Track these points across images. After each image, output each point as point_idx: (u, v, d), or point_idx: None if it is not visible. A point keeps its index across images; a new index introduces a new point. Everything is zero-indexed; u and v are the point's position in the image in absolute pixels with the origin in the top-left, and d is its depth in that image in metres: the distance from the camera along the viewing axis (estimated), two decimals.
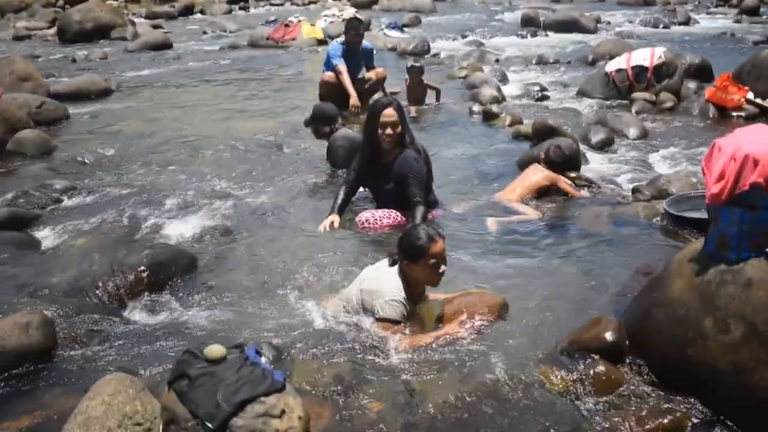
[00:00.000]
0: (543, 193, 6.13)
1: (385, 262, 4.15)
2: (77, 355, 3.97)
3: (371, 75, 9.80)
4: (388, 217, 5.57)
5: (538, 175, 6.22)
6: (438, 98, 9.95)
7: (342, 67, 9.46)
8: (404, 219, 5.53)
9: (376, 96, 9.03)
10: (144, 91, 12.01)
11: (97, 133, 9.17)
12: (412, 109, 9.30)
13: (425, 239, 3.89)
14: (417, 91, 9.69)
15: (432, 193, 5.82)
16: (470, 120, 9.03)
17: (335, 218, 5.56)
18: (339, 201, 5.68)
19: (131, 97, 11.54)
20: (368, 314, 3.99)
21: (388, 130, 5.39)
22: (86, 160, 7.83)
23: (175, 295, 4.63)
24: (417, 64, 9.77)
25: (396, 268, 4.05)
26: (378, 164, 5.56)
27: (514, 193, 6.10)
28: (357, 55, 9.76)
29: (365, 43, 10.07)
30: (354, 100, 9.22)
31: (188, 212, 6.07)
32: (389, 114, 5.39)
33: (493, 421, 3.20)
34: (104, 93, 11.59)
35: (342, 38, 10.19)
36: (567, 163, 6.43)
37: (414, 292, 4.05)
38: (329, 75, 9.59)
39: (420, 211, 5.39)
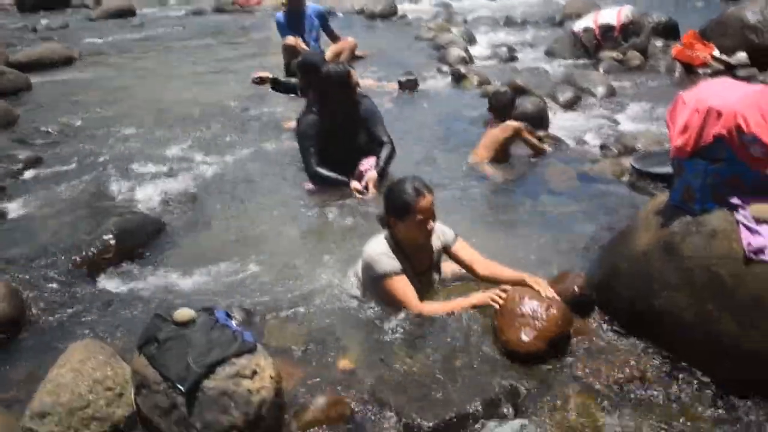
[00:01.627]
0: (509, 148, 6.12)
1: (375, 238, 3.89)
2: (46, 324, 3.97)
3: (343, 46, 9.62)
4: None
5: (497, 129, 6.16)
6: None
7: (291, 39, 9.16)
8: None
9: None
10: (108, 59, 11.79)
11: (60, 102, 8.99)
12: None
13: (412, 193, 3.60)
14: None
15: None
16: (438, 81, 8.97)
17: (354, 183, 5.45)
18: (333, 173, 5.55)
19: (95, 65, 11.34)
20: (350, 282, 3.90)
21: (357, 88, 5.67)
22: (50, 130, 7.69)
23: (143, 262, 4.61)
24: (411, 78, 8.68)
25: (382, 233, 3.82)
26: (346, 121, 5.58)
27: (481, 154, 6.06)
28: (304, 20, 9.51)
29: (312, 5, 9.78)
30: None
31: (154, 179, 6.03)
32: (354, 74, 5.59)
33: (463, 377, 3.21)
34: (67, 62, 11.36)
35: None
36: (509, 106, 6.29)
37: (410, 256, 3.76)
38: (291, 39, 9.23)
39: (388, 149, 5.58)
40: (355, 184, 5.39)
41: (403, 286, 3.63)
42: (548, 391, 3.17)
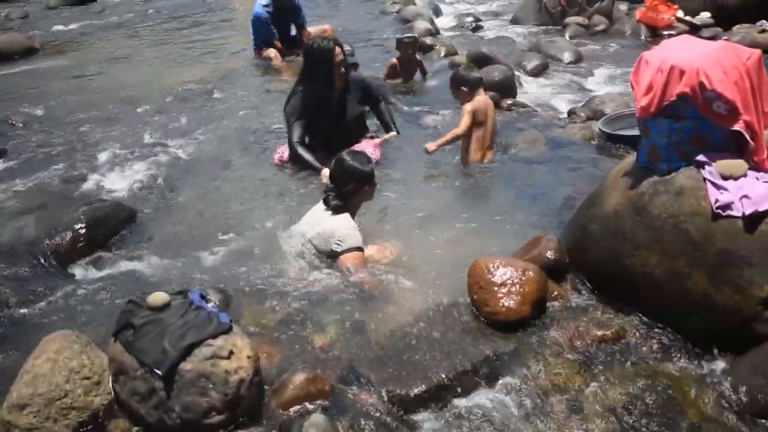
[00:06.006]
0: None
1: (315, 209, 4.24)
2: (19, 316, 3.92)
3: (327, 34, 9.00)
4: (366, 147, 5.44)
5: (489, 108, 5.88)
6: (424, 75, 8.06)
7: (272, 51, 8.81)
8: (377, 143, 5.65)
9: None
10: (70, 47, 11.59)
11: (23, 93, 8.83)
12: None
13: (372, 165, 4.22)
14: (408, 68, 7.93)
15: None
16: None
17: (326, 170, 5.18)
18: (311, 156, 5.47)
19: (57, 54, 11.13)
20: (323, 259, 4.06)
21: (342, 68, 5.54)
22: (14, 122, 7.56)
23: (116, 249, 4.58)
24: (410, 36, 8.08)
25: (329, 210, 4.13)
26: (333, 98, 5.56)
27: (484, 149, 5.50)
28: (286, 15, 8.97)
29: None
30: None
31: (124, 166, 5.97)
32: (339, 53, 5.47)
33: (441, 348, 3.23)
34: (28, 52, 11.13)
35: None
36: None
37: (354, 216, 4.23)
38: (272, 53, 8.84)
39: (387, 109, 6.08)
40: (326, 172, 5.12)
41: (364, 256, 4.05)
42: (526, 355, 3.20)
